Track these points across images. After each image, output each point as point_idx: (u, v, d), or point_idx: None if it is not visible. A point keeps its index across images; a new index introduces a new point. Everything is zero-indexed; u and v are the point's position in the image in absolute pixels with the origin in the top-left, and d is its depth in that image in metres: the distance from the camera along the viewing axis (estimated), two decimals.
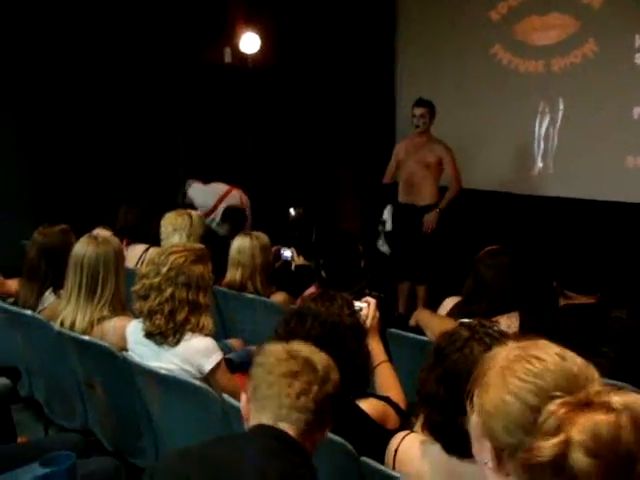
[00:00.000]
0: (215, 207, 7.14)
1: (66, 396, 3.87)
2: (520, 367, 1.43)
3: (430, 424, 2.14)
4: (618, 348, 3.17)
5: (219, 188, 7.32)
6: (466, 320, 2.36)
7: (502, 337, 2.09)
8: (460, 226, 7.24)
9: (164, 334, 3.16)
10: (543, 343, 1.50)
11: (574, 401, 1.30)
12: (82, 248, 3.63)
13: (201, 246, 3.53)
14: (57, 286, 3.91)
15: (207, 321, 3.23)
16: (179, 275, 3.16)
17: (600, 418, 1.24)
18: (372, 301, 3.06)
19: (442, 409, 2.05)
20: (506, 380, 1.42)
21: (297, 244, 5.89)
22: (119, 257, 3.71)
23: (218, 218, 6.85)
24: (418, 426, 2.29)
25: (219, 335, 3.49)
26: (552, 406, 1.31)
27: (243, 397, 2.07)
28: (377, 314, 3.04)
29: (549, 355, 1.44)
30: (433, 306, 4.24)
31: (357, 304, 2.92)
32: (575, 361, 1.43)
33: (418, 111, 6.68)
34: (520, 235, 6.95)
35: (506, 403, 1.41)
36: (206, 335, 3.21)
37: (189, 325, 3.17)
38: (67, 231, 4.16)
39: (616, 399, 1.26)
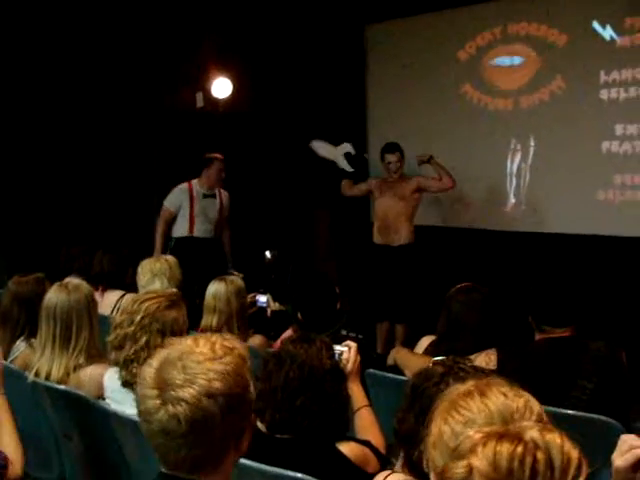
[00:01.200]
0: None
1: (42, 447, 3.81)
2: (463, 402, 1.50)
3: (410, 462, 2.13)
4: (596, 381, 3.18)
5: None
6: (439, 358, 2.37)
7: (476, 372, 2.10)
8: (435, 264, 7.27)
9: None
10: (496, 381, 1.56)
11: (491, 431, 1.31)
12: (53, 297, 3.60)
13: (174, 291, 3.52)
14: (30, 334, 3.88)
15: None
16: (152, 322, 3.12)
17: (503, 448, 1.24)
18: (353, 345, 3.04)
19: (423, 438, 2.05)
20: (448, 413, 1.48)
21: (273, 287, 5.89)
22: (91, 304, 3.68)
23: None
24: (399, 466, 2.27)
25: None
26: (470, 432, 1.34)
27: None
28: (358, 358, 3.03)
29: (493, 392, 1.50)
30: (412, 345, 4.24)
31: (337, 348, 2.91)
32: (517, 400, 1.49)
33: (393, 157, 6.78)
34: (494, 271, 6.98)
35: (442, 433, 1.46)
36: None
37: None
38: (41, 280, 4.14)
39: (531, 433, 1.26)
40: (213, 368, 1.72)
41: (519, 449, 1.24)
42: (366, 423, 2.93)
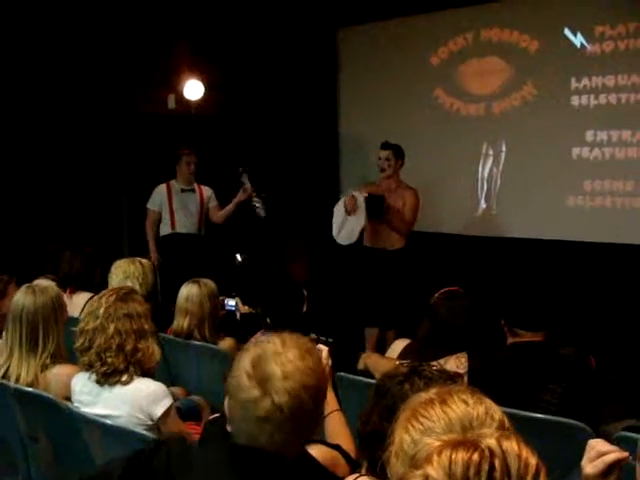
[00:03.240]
0: None
1: (7, 450, 3.76)
2: (423, 410, 1.49)
3: (374, 465, 2.11)
4: (566, 385, 3.19)
5: None
6: (405, 362, 2.36)
7: (442, 373, 2.10)
8: (408, 269, 7.26)
9: (118, 371, 3.11)
10: (458, 389, 1.56)
11: (448, 439, 1.30)
12: (20, 300, 3.56)
13: (128, 286, 3.60)
14: None
15: (155, 347, 3.23)
16: (117, 309, 3.16)
17: (459, 456, 1.23)
18: (324, 349, 3.02)
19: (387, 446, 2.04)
20: (409, 422, 1.48)
21: (243, 290, 5.86)
22: (58, 307, 3.64)
23: None
24: (364, 469, 2.26)
25: (164, 383, 3.43)
26: (429, 440, 1.35)
27: None
28: (329, 362, 3.01)
29: (454, 400, 1.50)
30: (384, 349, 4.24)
31: None
32: (478, 407, 1.48)
33: (383, 154, 6.56)
34: (467, 275, 6.99)
35: (402, 441, 1.46)
36: (155, 364, 3.23)
37: (139, 353, 3.14)
38: (8, 281, 4.09)
39: (488, 441, 1.25)
40: (304, 365, 1.95)
41: (475, 457, 1.22)
42: (336, 427, 2.91)
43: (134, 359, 3.13)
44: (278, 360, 1.93)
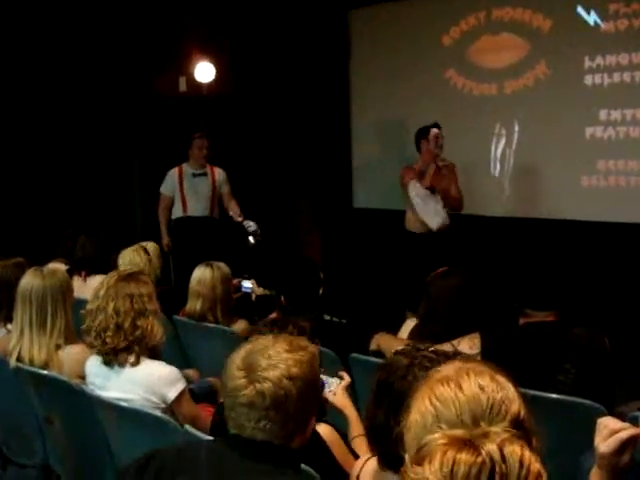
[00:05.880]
0: None
1: (24, 432, 3.79)
2: (437, 390, 1.46)
3: (385, 458, 2.12)
4: (579, 365, 3.18)
5: None
6: (400, 348, 2.34)
7: (439, 357, 2.10)
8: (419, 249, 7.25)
9: (117, 350, 3.13)
10: (477, 369, 1.51)
11: (455, 435, 1.30)
12: (28, 282, 3.60)
13: (131, 268, 3.72)
14: (7, 319, 3.86)
15: (157, 325, 3.23)
16: (118, 290, 3.18)
17: (460, 460, 1.24)
18: (346, 380, 3.02)
19: (395, 441, 2.03)
20: (423, 401, 1.45)
21: (256, 272, 5.87)
22: (66, 289, 3.68)
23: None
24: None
25: (179, 365, 3.45)
26: (435, 434, 1.33)
27: None
28: (344, 393, 2.98)
29: (469, 383, 1.46)
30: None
31: (327, 379, 2.89)
32: (494, 395, 1.43)
33: (440, 132, 6.35)
34: (479, 256, 6.99)
35: (413, 422, 1.44)
36: (161, 341, 3.24)
37: (139, 331, 3.15)
38: (22, 264, 4.10)
39: (490, 446, 1.25)
40: (292, 357, 2.05)
41: (475, 462, 1.23)
42: (360, 452, 2.89)
43: (133, 337, 3.14)
44: (265, 353, 2.04)
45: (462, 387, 1.44)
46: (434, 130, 6.31)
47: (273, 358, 2.03)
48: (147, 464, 2.02)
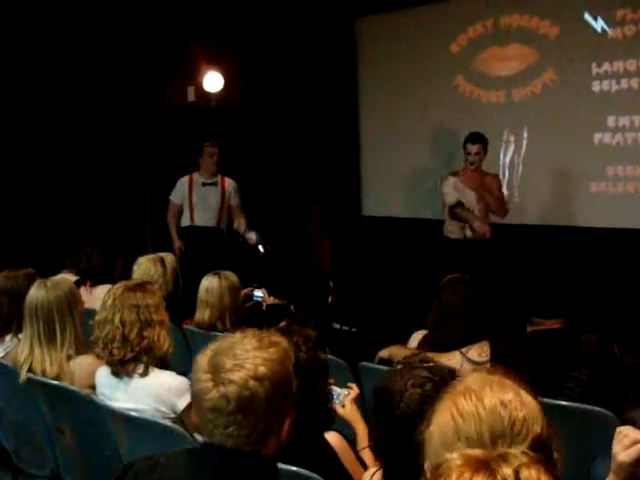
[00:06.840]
0: None
1: (36, 443, 3.79)
2: (460, 402, 1.44)
3: (390, 473, 2.13)
4: (589, 372, 3.17)
5: None
6: (399, 364, 2.33)
7: (433, 374, 2.12)
8: (428, 256, 7.25)
9: (124, 361, 3.14)
10: (503, 383, 1.50)
11: (472, 456, 1.27)
12: (33, 296, 3.60)
13: (140, 279, 3.70)
14: (18, 329, 3.86)
15: (164, 335, 3.23)
16: (124, 300, 3.18)
17: None
18: (354, 391, 3.03)
19: (402, 462, 2.04)
20: (444, 413, 1.44)
21: (267, 281, 5.87)
22: (72, 299, 3.67)
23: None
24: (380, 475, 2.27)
25: (188, 374, 3.45)
26: (454, 454, 1.30)
27: None
28: (353, 405, 2.98)
29: (491, 399, 1.44)
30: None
31: (337, 390, 2.89)
32: (516, 414, 1.42)
33: (473, 148, 6.41)
34: (487, 263, 6.96)
35: (435, 434, 1.44)
36: (168, 351, 3.23)
37: (146, 342, 3.15)
38: (32, 275, 4.11)
39: (506, 470, 1.22)
40: (260, 355, 1.90)
41: None
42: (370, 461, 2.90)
43: (140, 348, 3.15)
44: (231, 352, 1.90)
45: (484, 401, 1.43)
46: None
47: (239, 357, 1.88)
48: (124, 474, 1.96)
